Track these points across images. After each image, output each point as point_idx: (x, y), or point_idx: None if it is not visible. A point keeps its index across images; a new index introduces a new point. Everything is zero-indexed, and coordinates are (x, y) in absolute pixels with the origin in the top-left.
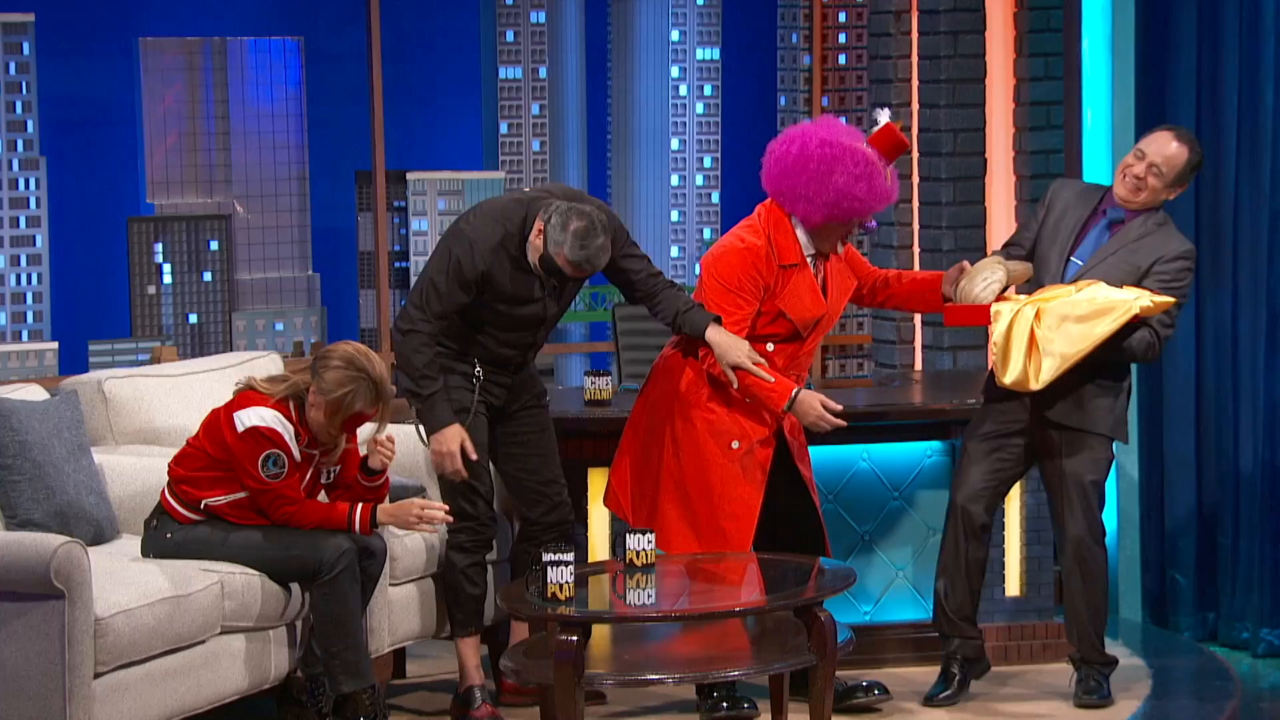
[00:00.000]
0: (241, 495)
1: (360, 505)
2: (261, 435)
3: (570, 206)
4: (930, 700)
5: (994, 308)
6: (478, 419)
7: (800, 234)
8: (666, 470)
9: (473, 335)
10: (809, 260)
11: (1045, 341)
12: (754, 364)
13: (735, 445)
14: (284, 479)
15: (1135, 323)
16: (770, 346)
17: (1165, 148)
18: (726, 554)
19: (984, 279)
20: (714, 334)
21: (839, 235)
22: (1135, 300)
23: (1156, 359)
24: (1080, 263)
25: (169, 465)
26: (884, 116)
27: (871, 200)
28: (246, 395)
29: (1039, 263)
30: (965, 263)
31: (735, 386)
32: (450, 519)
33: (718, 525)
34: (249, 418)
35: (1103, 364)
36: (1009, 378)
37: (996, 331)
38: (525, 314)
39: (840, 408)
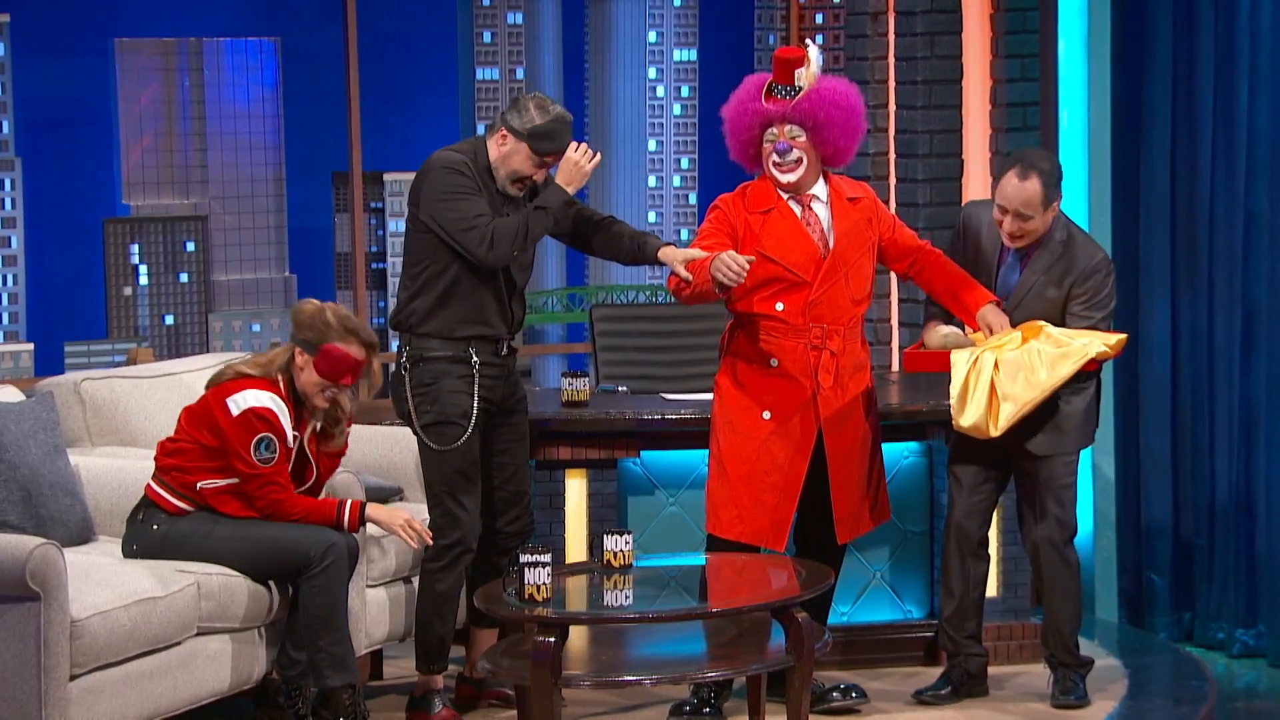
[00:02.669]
0: (235, 481)
1: (350, 501)
2: (256, 417)
3: (512, 101)
4: (920, 695)
5: (953, 355)
6: (472, 436)
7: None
8: (711, 451)
9: (452, 296)
10: (788, 201)
11: (1004, 389)
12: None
13: (767, 416)
14: (274, 464)
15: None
16: (780, 306)
17: (1016, 191)
18: (709, 555)
19: (944, 333)
20: (664, 251)
21: (766, 167)
22: (1089, 346)
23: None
24: (1001, 301)
25: (155, 456)
26: (812, 49)
27: (727, 111)
28: (237, 382)
29: None
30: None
31: (692, 282)
32: (430, 543)
33: (758, 497)
34: (245, 399)
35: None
36: (966, 422)
37: (954, 379)
38: None
39: (753, 257)
